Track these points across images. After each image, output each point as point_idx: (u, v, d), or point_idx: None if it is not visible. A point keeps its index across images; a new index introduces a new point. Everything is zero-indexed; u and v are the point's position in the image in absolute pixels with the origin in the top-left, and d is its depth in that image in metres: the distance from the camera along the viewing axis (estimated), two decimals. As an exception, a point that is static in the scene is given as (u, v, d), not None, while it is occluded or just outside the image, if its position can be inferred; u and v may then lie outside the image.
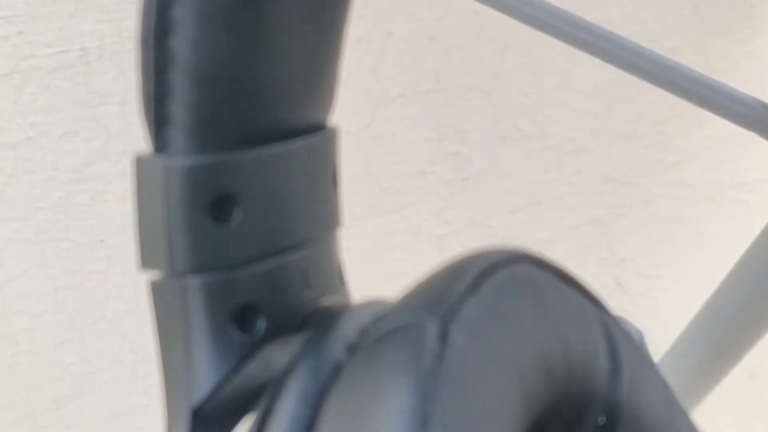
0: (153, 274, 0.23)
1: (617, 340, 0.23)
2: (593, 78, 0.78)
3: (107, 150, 0.72)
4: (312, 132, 0.23)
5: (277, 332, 0.22)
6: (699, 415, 0.71)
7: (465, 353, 0.19)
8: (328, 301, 0.23)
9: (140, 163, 0.21)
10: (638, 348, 0.24)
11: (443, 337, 0.19)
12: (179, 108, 0.21)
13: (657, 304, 0.89)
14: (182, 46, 0.20)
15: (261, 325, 0.22)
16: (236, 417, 0.22)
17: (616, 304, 0.81)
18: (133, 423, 0.80)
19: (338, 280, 0.24)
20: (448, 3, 0.77)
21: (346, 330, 0.21)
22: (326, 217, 0.23)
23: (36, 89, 0.70)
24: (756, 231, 0.68)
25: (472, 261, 0.21)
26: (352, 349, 0.21)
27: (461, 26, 0.82)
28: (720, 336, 0.73)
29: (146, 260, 0.22)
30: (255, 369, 0.22)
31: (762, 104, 0.67)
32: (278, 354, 0.22)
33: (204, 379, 0.22)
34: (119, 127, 0.71)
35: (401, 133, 0.84)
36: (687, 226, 0.91)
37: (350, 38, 0.24)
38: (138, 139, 0.74)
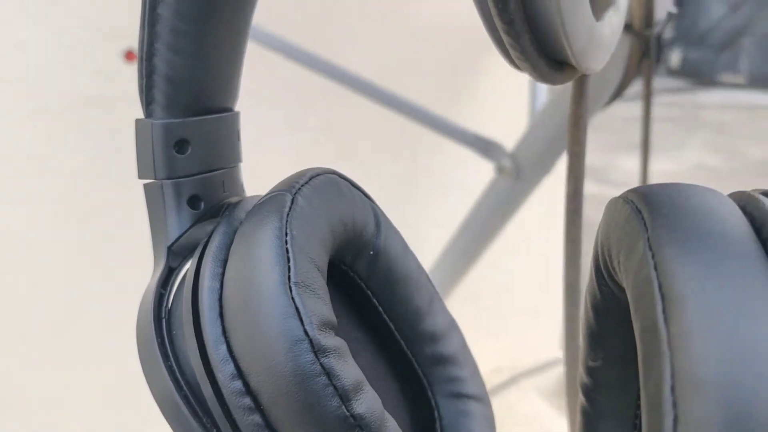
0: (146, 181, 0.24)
1: (380, 217, 0.26)
2: (377, 112, 0.79)
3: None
4: (227, 111, 0.25)
5: (210, 212, 0.24)
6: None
7: (303, 208, 0.22)
8: (236, 199, 0.25)
9: (139, 123, 0.23)
10: (389, 222, 0.26)
11: (293, 200, 0.22)
12: (159, 95, 0.23)
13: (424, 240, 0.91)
14: (160, 63, 0.22)
15: (202, 206, 0.24)
16: (190, 254, 0.24)
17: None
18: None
19: (242, 190, 0.26)
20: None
21: (247, 205, 0.24)
22: (234, 155, 0.25)
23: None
24: (471, 202, 0.73)
25: (307, 171, 0.24)
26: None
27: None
28: (459, 254, 0.76)
29: (141, 173, 0.24)
30: (198, 230, 0.24)
31: (475, 135, 0.72)
32: (210, 223, 0.24)
33: (173, 233, 0.23)
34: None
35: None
36: (450, 194, 0.94)
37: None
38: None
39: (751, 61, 3.28)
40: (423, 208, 0.93)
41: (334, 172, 0.25)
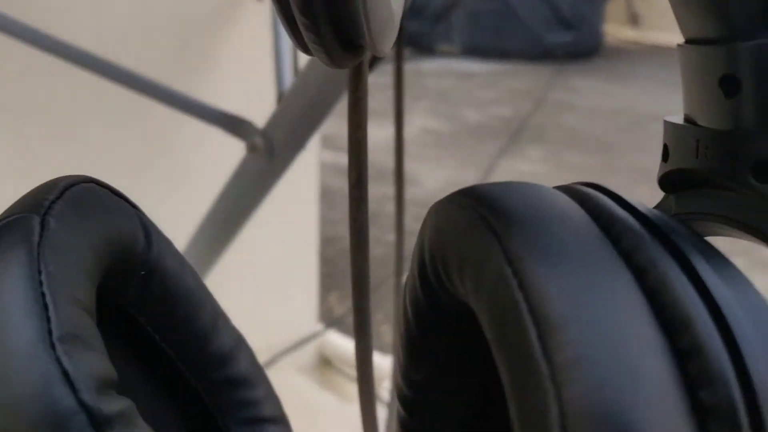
0: None
1: (149, 228, 0.23)
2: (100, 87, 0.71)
3: None
4: None
5: None
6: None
7: (58, 233, 0.18)
8: None
9: None
10: (160, 232, 0.23)
11: (42, 223, 0.17)
12: None
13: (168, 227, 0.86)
14: None
15: None
16: None
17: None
18: None
19: None
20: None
21: None
22: None
23: None
24: (218, 182, 0.69)
25: (59, 180, 0.19)
26: None
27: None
28: (210, 239, 0.73)
29: None
30: None
31: (221, 112, 0.68)
32: None
33: None
34: None
35: None
36: (194, 175, 0.88)
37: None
38: None
39: (462, 33, 3.61)
40: (163, 191, 0.87)
41: (91, 180, 0.21)
